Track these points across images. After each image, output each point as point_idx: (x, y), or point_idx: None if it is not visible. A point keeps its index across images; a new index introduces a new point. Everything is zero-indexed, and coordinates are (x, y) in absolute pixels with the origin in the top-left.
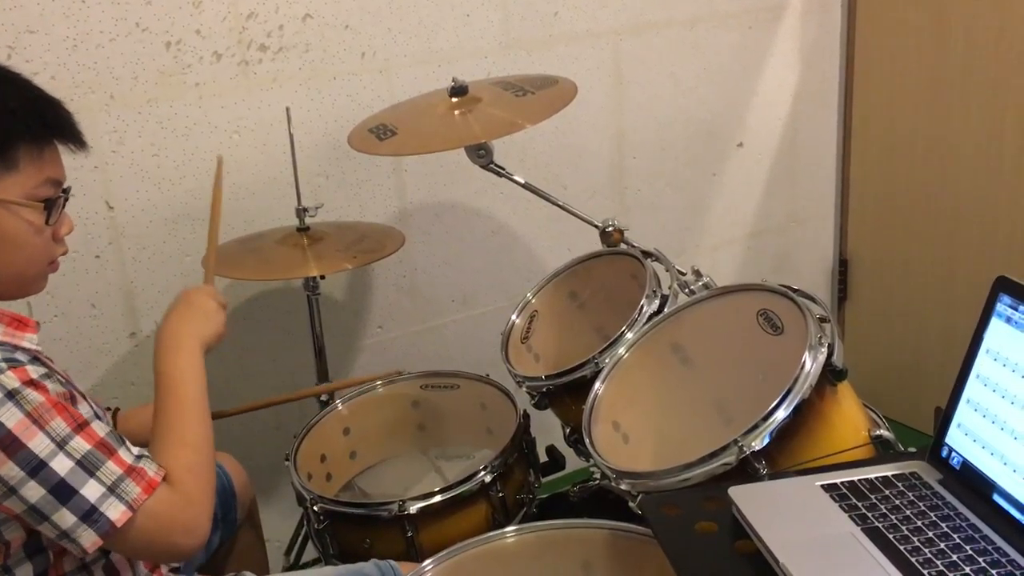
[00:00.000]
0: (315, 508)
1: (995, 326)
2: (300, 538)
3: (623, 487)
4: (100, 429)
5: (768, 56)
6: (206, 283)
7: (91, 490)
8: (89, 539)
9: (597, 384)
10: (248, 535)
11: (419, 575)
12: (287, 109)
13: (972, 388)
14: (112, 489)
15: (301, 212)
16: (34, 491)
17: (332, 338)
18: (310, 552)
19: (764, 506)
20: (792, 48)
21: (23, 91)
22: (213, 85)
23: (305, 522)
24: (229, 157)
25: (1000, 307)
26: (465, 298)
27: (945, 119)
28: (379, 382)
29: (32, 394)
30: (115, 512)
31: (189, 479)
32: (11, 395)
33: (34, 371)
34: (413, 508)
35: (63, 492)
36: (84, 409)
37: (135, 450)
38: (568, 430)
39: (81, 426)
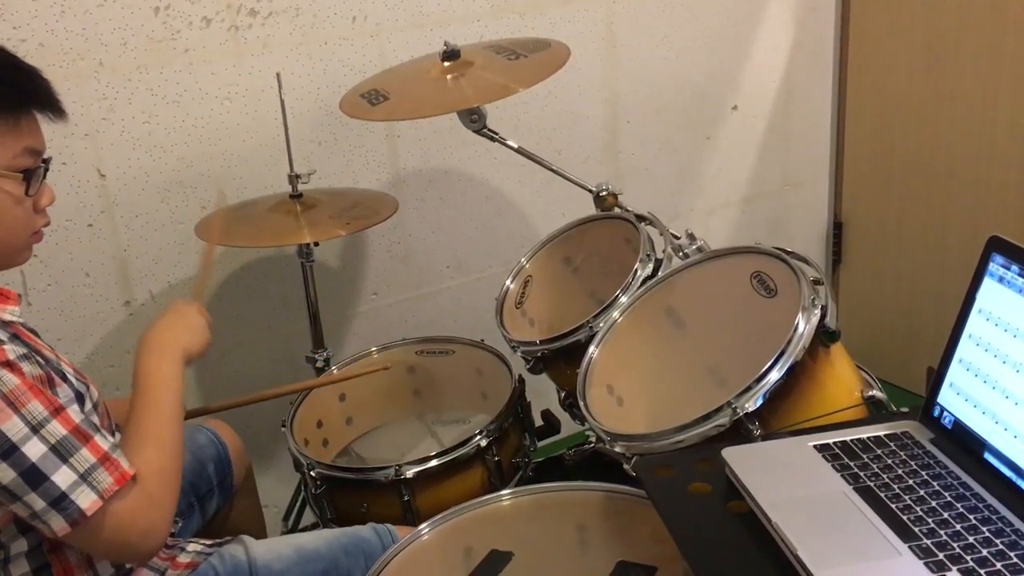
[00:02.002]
0: (312, 473)
1: (988, 286)
2: (298, 503)
3: (617, 450)
4: (76, 415)
5: (762, 18)
6: (196, 300)
7: (62, 477)
8: (58, 524)
9: (591, 348)
10: (245, 501)
11: (416, 538)
12: (278, 75)
13: (964, 348)
14: (84, 477)
15: (293, 179)
16: (5, 472)
17: (326, 305)
18: (308, 517)
19: (757, 467)
20: (786, 9)
21: None
22: (203, 51)
23: (303, 487)
24: (220, 123)
25: (993, 267)
26: (459, 264)
27: (940, 80)
28: (373, 349)
29: (7, 376)
30: (85, 501)
31: (157, 481)
32: None
33: (11, 351)
34: (410, 472)
35: (33, 477)
36: (62, 393)
37: (111, 438)
38: (563, 394)
39: (58, 410)
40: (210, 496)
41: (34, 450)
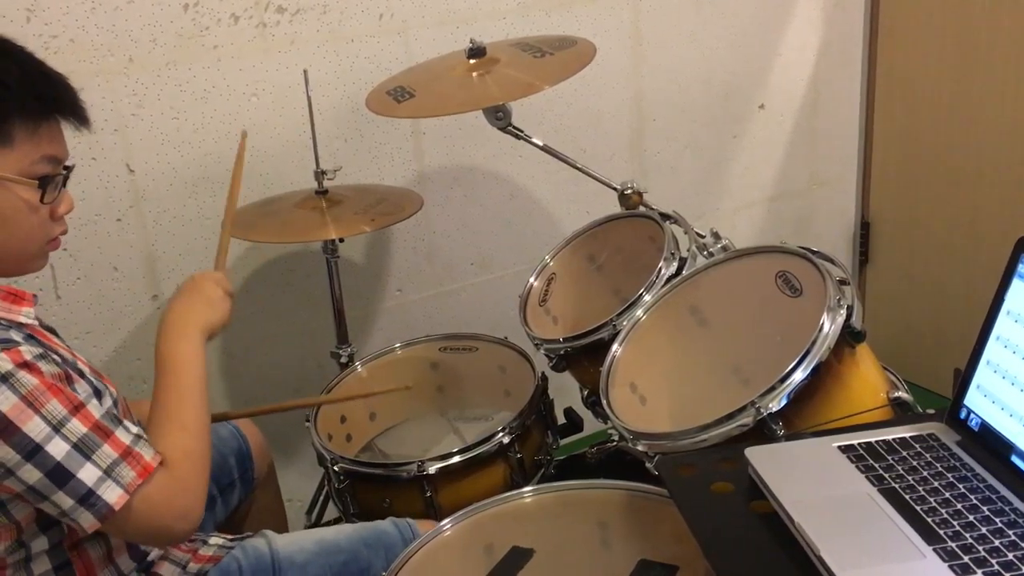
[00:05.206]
0: (335, 468)
1: (1017, 287)
2: (321, 498)
3: (640, 448)
4: (96, 410)
5: (790, 15)
6: (217, 269)
7: (88, 473)
8: (88, 521)
9: (615, 346)
10: (266, 496)
11: (438, 534)
12: (305, 72)
13: (992, 350)
14: (108, 472)
15: (319, 175)
16: (31, 473)
17: (351, 301)
18: (331, 512)
19: (780, 467)
20: (815, 7)
21: (20, 65)
22: (231, 48)
23: (326, 482)
24: (247, 120)
25: (1022, 268)
26: (483, 261)
27: (970, 80)
28: (397, 345)
29: (26, 376)
30: (112, 495)
31: (186, 464)
32: (4, 378)
33: (28, 352)
34: (432, 469)
35: (60, 476)
36: (81, 389)
37: (134, 429)
38: (586, 392)
39: (77, 408)
40: (232, 489)
41: (57, 449)
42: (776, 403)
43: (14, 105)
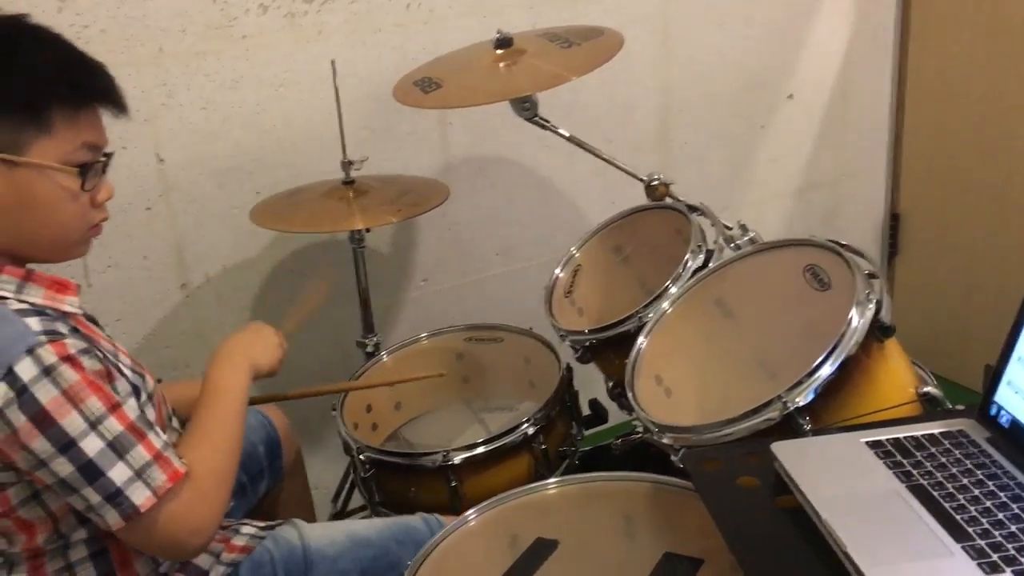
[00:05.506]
0: (361, 457)
1: None
2: (347, 486)
3: (665, 441)
4: (132, 411)
5: (820, 3)
6: (283, 328)
7: (118, 473)
8: (113, 518)
9: (640, 338)
10: (294, 484)
11: (462, 524)
12: (332, 62)
13: None
14: (139, 474)
15: (346, 165)
16: (63, 466)
17: (377, 291)
18: (356, 500)
19: (807, 462)
20: None
21: (59, 53)
22: (260, 38)
23: (351, 470)
24: (275, 110)
25: None
26: (509, 251)
27: (1003, 69)
28: (423, 335)
29: (68, 371)
30: (140, 497)
31: (210, 481)
32: (47, 371)
33: (73, 345)
34: (457, 459)
35: (91, 472)
36: (120, 387)
37: (163, 436)
38: (611, 384)
39: (115, 407)
40: (260, 477)
41: (91, 446)
42: (803, 398)
43: (53, 93)
